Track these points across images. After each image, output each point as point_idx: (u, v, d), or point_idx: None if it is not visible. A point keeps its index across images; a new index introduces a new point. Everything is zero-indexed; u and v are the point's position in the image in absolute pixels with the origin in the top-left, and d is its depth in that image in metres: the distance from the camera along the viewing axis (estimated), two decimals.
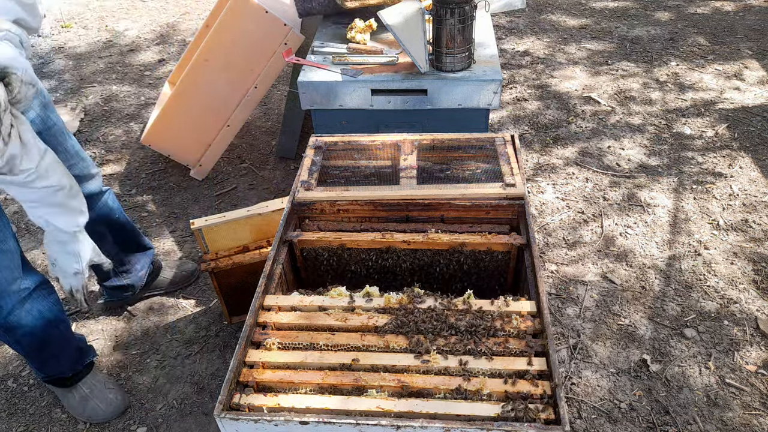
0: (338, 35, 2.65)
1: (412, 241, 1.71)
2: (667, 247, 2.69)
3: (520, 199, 1.77)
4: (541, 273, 1.53)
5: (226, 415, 1.22)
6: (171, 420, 2.11)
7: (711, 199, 2.94)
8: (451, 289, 1.81)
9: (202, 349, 2.34)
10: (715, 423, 2.01)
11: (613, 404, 2.09)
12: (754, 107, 3.58)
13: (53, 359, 2.00)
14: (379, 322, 1.44)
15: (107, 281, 2.39)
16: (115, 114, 3.82)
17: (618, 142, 3.36)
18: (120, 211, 2.28)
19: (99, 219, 2.17)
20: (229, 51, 2.88)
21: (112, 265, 2.12)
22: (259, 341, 1.42)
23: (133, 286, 2.43)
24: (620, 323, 2.36)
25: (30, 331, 1.87)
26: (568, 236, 2.78)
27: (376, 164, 2.00)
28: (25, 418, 2.15)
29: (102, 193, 2.17)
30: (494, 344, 1.37)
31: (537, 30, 4.60)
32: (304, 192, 1.80)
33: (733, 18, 4.63)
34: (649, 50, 4.24)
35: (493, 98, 2.30)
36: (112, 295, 2.45)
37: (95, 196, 2.13)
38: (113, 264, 2.30)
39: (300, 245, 1.76)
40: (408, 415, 1.24)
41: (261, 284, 1.53)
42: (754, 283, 2.50)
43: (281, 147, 3.34)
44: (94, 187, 2.12)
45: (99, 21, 5.05)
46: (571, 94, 3.80)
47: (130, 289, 2.44)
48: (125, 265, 2.38)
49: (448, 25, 2.21)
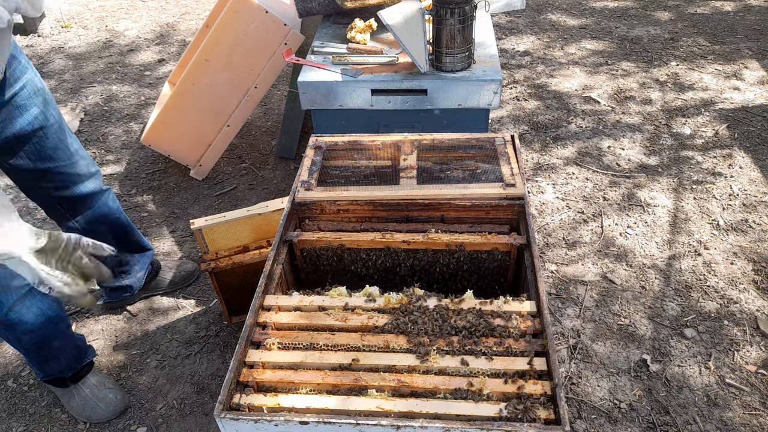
0: (338, 35, 2.65)
1: (412, 241, 1.71)
2: (667, 247, 2.69)
3: (520, 199, 1.77)
4: (541, 273, 1.53)
5: (226, 415, 1.22)
6: (171, 420, 2.11)
7: (711, 199, 2.94)
8: (451, 289, 1.81)
9: (202, 349, 2.34)
10: (715, 423, 2.01)
11: (613, 404, 2.09)
12: (754, 107, 3.58)
13: (53, 358, 2.00)
14: (379, 322, 1.44)
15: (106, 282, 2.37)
16: (115, 114, 3.82)
17: (618, 141, 3.36)
18: (120, 211, 2.27)
19: (99, 218, 2.16)
20: (229, 51, 2.88)
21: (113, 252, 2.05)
22: (259, 341, 1.42)
23: (131, 287, 2.43)
24: (620, 323, 2.36)
25: (30, 328, 1.87)
26: (568, 236, 2.78)
27: (376, 164, 2.00)
28: (25, 418, 2.15)
29: (102, 192, 2.16)
30: (494, 344, 1.37)
31: (537, 30, 4.60)
32: (304, 192, 1.80)
33: (733, 18, 4.63)
34: (649, 50, 4.24)
35: (493, 98, 2.30)
36: (111, 296, 2.45)
37: (95, 194, 2.12)
38: (112, 264, 2.29)
39: (300, 245, 1.76)
40: (408, 415, 1.24)
41: (261, 284, 1.52)
42: (754, 283, 2.50)
43: (281, 147, 3.34)
44: (95, 186, 2.11)
45: (99, 21, 5.05)
46: (571, 94, 3.80)
47: (129, 290, 2.44)
48: (124, 266, 2.37)
49: (448, 25, 2.21)
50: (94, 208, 2.13)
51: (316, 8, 2.68)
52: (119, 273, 2.37)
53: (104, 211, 2.18)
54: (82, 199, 2.08)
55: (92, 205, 2.13)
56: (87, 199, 2.10)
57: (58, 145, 1.91)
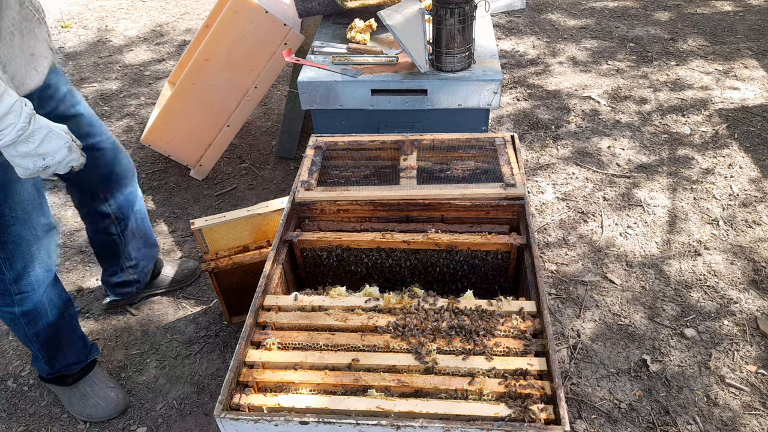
0: (338, 35, 2.65)
1: (412, 241, 1.71)
2: (667, 247, 2.69)
3: (520, 199, 1.77)
4: (541, 273, 1.53)
5: (226, 415, 1.22)
6: (171, 420, 2.11)
7: (711, 199, 2.94)
8: (451, 289, 1.81)
9: (202, 349, 2.34)
10: (715, 423, 2.01)
11: (613, 404, 2.09)
12: (754, 107, 3.58)
13: (60, 351, 2.01)
14: (379, 323, 1.44)
15: (114, 276, 2.37)
16: (114, 114, 3.81)
17: (618, 141, 3.36)
18: (142, 200, 2.30)
19: (128, 203, 2.20)
20: (229, 51, 2.88)
21: None
22: (259, 341, 1.42)
23: (138, 281, 2.42)
24: (620, 323, 2.36)
25: (50, 320, 1.90)
26: (568, 236, 2.78)
27: (376, 164, 2.00)
28: (25, 418, 2.15)
29: (133, 173, 2.19)
30: (494, 344, 1.37)
31: (537, 30, 4.60)
32: (304, 192, 1.80)
33: (733, 18, 4.63)
34: (649, 50, 4.24)
35: (493, 98, 2.30)
36: (117, 292, 2.43)
37: (129, 174, 2.16)
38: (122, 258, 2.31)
39: (300, 245, 1.76)
40: (408, 415, 1.24)
41: (261, 284, 1.53)
42: (754, 283, 2.50)
43: (281, 147, 3.34)
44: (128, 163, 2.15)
45: (99, 21, 5.05)
46: (571, 93, 3.80)
47: (135, 285, 2.42)
48: (132, 260, 2.35)
49: (448, 25, 2.21)
50: (126, 192, 2.17)
51: (316, 8, 2.67)
52: (127, 267, 2.35)
53: (132, 198, 2.21)
54: (117, 179, 2.12)
55: (125, 185, 2.16)
56: (122, 178, 2.13)
57: (92, 121, 1.95)
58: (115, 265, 2.33)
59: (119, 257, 2.30)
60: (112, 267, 2.34)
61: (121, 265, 2.33)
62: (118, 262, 2.32)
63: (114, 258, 2.30)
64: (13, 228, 1.70)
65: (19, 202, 1.68)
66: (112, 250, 2.27)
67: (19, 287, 1.79)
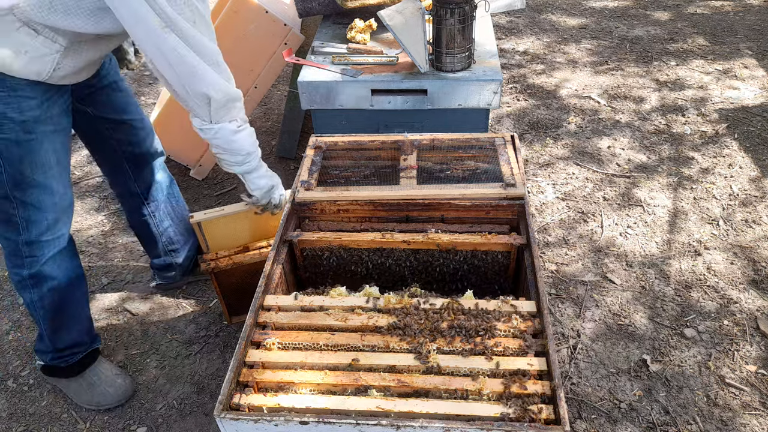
0: (338, 35, 2.65)
1: (412, 241, 1.71)
2: (667, 247, 2.69)
3: (520, 199, 1.77)
4: (541, 273, 1.53)
5: (226, 415, 1.22)
6: (171, 420, 2.11)
7: (711, 198, 2.94)
8: (451, 289, 1.81)
9: (202, 349, 2.34)
10: (715, 423, 2.01)
11: (613, 404, 2.09)
12: (754, 107, 3.58)
13: (65, 327, 2.02)
14: (379, 323, 1.44)
15: (158, 259, 2.45)
16: None
17: (618, 141, 3.36)
18: (175, 185, 2.39)
19: (157, 185, 2.28)
20: (229, 51, 2.86)
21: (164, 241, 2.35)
22: (259, 341, 1.42)
23: (180, 265, 2.48)
24: (620, 323, 2.36)
25: (56, 285, 1.91)
26: (568, 236, 2.78)
27: (376, 164, 2.00)
28: (25, 418, 2.15)
29: (161, 155, 2.27)
30: (494, 344, 1.37)
31: (537, 30, 4.60)
32: (304, 192, 1.80)
33: (733, 18, 4.63)
34: (649, 50, 4.24)
35: (493, 98, 2.30)
36: (161, 276, 2.51)
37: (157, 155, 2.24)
38: (163, 242, 2.40)
39: (300, 245, 1.76)
40: (408, 415, 1.24)
41: (261, 284, 1.53)
42: (754, 283, 2.50)
43: (281, 147, 3.34)
44: (158, 146, 2.24)
45: None
46: (571, 93, 3.81)
47: (176, 268, 2.49)
48: (174, 244, 2.43)
49: (448, 25, 2.21)
50: (155, 174, 2.24)
51: (316, 8, 2.68)
52: (169, 251, 2.43)
53: (165, 179, 2.30)
54: (146, 159, 2.19)
55: (155, 168, 2.24)
56: (150, 158, 2.20)
57: (128, 100, 2.07)
58: (156, 248, 2.41)
59: (156, 240, 2.38)
60: (154, 250, 2.42)
61: (163, 249, 2.41)
62: (158, 245, 2.40)
63: (152, 240, 2.39)
64: (35, 190, 1.74)
65: (40, 165, 1.72)
66: (148, 232, 2.36)
67: (31, 250, 1.83)
